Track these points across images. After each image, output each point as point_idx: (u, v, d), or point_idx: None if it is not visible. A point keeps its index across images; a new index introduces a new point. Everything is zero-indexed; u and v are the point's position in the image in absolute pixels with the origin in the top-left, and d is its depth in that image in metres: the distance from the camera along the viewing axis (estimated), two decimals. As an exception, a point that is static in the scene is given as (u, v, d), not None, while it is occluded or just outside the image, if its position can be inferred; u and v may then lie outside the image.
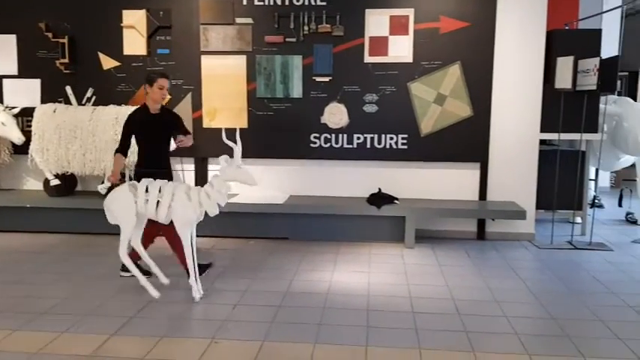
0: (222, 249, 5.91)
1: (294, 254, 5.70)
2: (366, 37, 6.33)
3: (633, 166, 7.53)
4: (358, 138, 6.47)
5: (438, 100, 6.34)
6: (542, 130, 6.38)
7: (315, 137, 6.48)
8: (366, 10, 6.27)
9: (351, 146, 6.48)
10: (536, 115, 6.33)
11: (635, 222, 7.28)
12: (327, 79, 6.38)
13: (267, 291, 4.61)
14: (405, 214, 6.07)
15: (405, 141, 6.42)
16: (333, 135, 6.46)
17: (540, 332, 3.88)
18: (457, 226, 6.47)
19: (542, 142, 6.79)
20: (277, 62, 6.41)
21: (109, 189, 4.51)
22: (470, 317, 4.07)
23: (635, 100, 7.86)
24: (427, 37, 6.25)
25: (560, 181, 6.51)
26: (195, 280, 4.40)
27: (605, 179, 9.91)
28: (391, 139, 6.44)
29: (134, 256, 4.48)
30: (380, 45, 6.36)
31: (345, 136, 6.47)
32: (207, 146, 6.41)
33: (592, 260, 5.63)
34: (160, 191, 4.26)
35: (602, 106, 6.53)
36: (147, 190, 4.27)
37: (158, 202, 4.24)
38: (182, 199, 4.27)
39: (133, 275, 4.46)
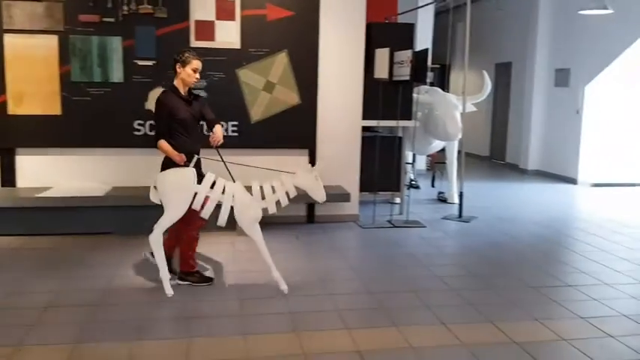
0: (32, 248, 5.39)
1: (118, 249, 5.38)
2: (192, 21, 6.14)
3: (444, 150, 8.30)
4: (186, 125, 6.28)
5: (267, 87, 6.39)
6: (364, 117, 6.74)
7: (139, 124, 6.16)
8: (191, -7, 6.09)
9: (179, 134, 6.27)
10: (358, 104, 6.66)
11: (445, 200, 8.03)
12: (150, 62, 6.08)
13: (83, 290, 4.30)
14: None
15: (235, 128, 6.38)
16: (159, 122, 6.20)
17: (359, 307, 4.11)
18: (288, 211, 6.55)
19: (366, 128, 7.20)
20: (94, 44, 5.96)
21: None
22: (295, 298, 4.18)
23: (444, 90, 8.64)
24: (254, 23, 6.25)
25: (381, 165, 6.96)
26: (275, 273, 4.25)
27: (421, 163, 10.82)
28: (222, 126, 6.33)
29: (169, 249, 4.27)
30: (206, 29, 6.21)
31: (172, 123, 6.24)
32: (14, 135, 5.78)
33: (408, 237, 6.11)
34: (223, 192, 4.04)
35: (415, 95, 7.09)
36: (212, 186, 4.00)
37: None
38: (244, 199, 4.10)
39: (189, 284, 4.32)
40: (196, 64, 4.28)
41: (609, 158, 9.61)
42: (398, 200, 7.43)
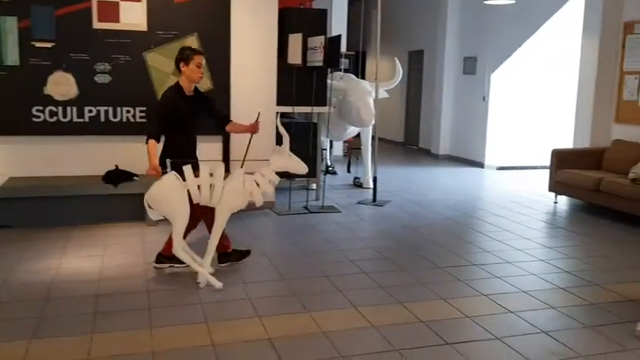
0: None
1: (14, 244, 5.04)
2: (94, 1, 5.82)
3: (359, 136, 8.41)
4: (90, 111, 5.97)
5: (177, 71, 6.16)
6: (279, 103, 6.69)
7: (38, 111, 5.79)
8: (91, -29, 5.76)
9: (82, 120, 5.95)
10: (272, 89, 6.59)
11: (360, 185, 8.16)
12: (49, 45, 5.72)
13: (-24, 288, 4.00)
14: (146, 190, 5.81)
15: (143, 114, 6.13)
16: (60, 108, 5.86)
17: (271, 294, 4.09)
18: (201, 200, 6.46)
19: (281, 115, 7.14)
20: (-16, 23, 5.52)
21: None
22: (207, 289, 4.09)
23: (359, 77, 8.74)
24: (161, 5, 6.01)
25: (296, 151, 6.88)
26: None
27: (338, 148, 10.93)
28: (128, 112, 6.10)
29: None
30: (110, 10, 5.91)
31: (74, 109, 5.91)
32: None
33: (323, 222, 6.15)
34: (210, 175, 4.00)
35: (329, 81, 7.11)
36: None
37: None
38: (236, 186, 4.11)
39: (170, 266, 4.31)
40: (199, 58, 4.27)
41: (513, 143, 10.12)
42: (314, 186, 7.46)
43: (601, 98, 7.46)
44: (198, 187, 4.02)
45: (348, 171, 9.02)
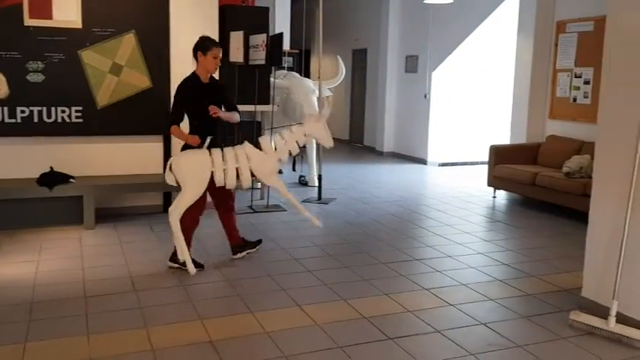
0: None
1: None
2: (25, -3, 5.58)
3: (303, 134, 8.40)
4: (23, 111, 5.71)
5: (114, 70, 6.00)
6: (221, 101, 6.60)
7: (-34, 111, 5.50)
8: (20, -35, 5.51)
9: (14, 121, 5.69)
10: (214, 87, 6.49)
11: (306, 184, 8.16)
12: (-25, 42, 5.44)
13: None
14: (83, 193, 5.64)
15: (79, 114, 5.92)
16: (-10, 108, 5.59)
17: (214, 296, 4.03)
18: (142, 201, 6.30)
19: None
20: None
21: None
22: (146, 292, 4.00)
23: (304, 75, 8.76)
24: (97, 1, 5.82)
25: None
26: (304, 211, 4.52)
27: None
28: (63, 112, 5.87)
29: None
30: (42, 7, 5.67)
31: (5, 109, 5.64)
32: None
33: (268, 221, 6.12)
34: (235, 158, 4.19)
35: (272, 79, 7.07)
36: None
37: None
38: (257, 156, 4.24)
39: (180, 267, 4.34)
40: (217, 51, 4.39)
41: (454, 139, 10.36)
42: (259, 185, 7.40)
43: (536, 95, 7.75)
44: (224, 171, 4.19)
45: (294, 169, 9.00)
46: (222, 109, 4.55)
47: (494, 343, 3.34)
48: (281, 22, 10.34)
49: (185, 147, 4.40)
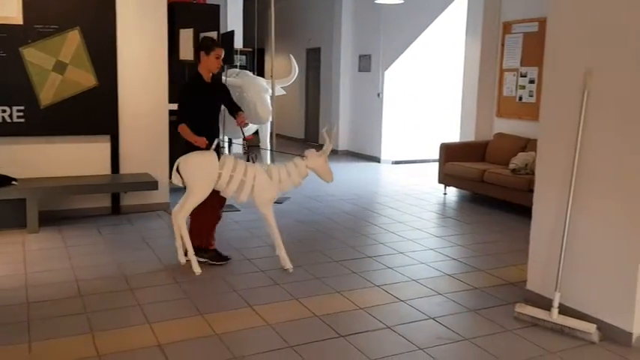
0: None
1: None
2: (-41, -9, 5.35)
3: (258, 133, 8.36)
4: (-40, 111, 5.48)
5: (58, 68, 5.81)
6: (172, 100, 6.46)
7: None
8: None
9: (-50, 121, 5.45)
10: (163, 86, 6.38)
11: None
12: None
13: None
14: (26, 195, 5.43)
15: (21, 113, 5.71)
16: None
17: (163, 299, 3.95)
18: (89, 203, 6.13)
19: (173, 113, 6.93)
20: None
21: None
22: (92, 297, 3.89)
23: (258, 74, 8.70)
24: (38, -3, 5.63)
25: (191, 149, 6.72)
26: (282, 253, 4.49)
27: (238, 146, 10.79)
28: (4, 111, 5.66)
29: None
30: (-21, 2, 5.44)
31: (-60, 108, 5.40)
32: None
33: (221, 221, 6.01)
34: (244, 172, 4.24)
35: (224, 78, 6.99)
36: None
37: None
38: (264, 180, 4.32)
39: (205, 261, 4.46)
40: (219, 51, 4.45)
41: (407, 137, 10.50)
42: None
43: (483, 94, 7.93)
44: (231, 177, 4.25)
45: (247, 169, 8.93)
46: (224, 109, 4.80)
47: (442, 337, 3.40)
48: (234, 21, 10.27)
49: (189, 148, 4.37)
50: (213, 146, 4.37)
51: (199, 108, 4.47)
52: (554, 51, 3.79)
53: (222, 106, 4.96)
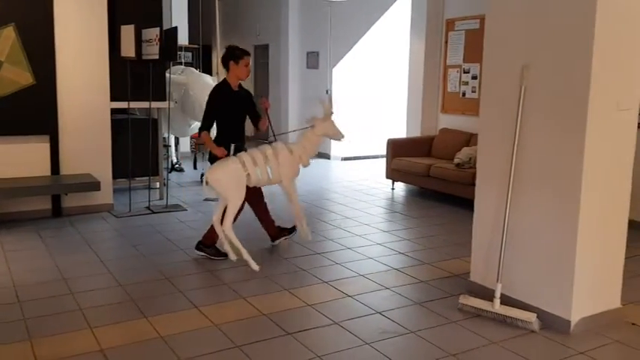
0: None
1: None
2: None
3: (204, 131, 8.24)
4: None
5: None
6: (113, 98, 6.32)
7: None
8: None
9: None
10: (104, 84, 6.20)
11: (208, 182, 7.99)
12: None
13: None
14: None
15: (-48, 114, 5.45)
16: None
17: (106, 302, 3.85)
18: (29, 206, 5.90)
19: (120, 111, 6.77)
20: None
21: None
22: (31, 303, 3.75)
23: (206, 71, 8.58)
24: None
25: (135, 148, 6.62)
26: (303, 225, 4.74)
27: (186, 144, 10.62)
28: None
29: (214, 237, 4.54)
30: None
31: None
32: None
33: (167, 222, 5.94)
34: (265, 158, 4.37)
35: (168, 75, 6.86)
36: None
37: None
38: (287, 157, 4.46)
39: (206, 256, 4.62)
40: (248, 59, 4.61)
41: (355, 134, 10.55)
42: (157, 185, 7.18)
43: (428, 91, 8.08)
44: (257, 171, 4.38)
45: (195, 167, 8.82)
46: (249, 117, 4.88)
47: (388, 331, 3.45)
48: (178, 16, 10.08)
49: (212, 157, 4.58)
50: (231, 152, 4.53)
51: (224, 115, 4.63)
52: (493, 47, 3.89)
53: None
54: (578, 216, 3.35)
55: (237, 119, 4.74)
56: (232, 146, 4.56)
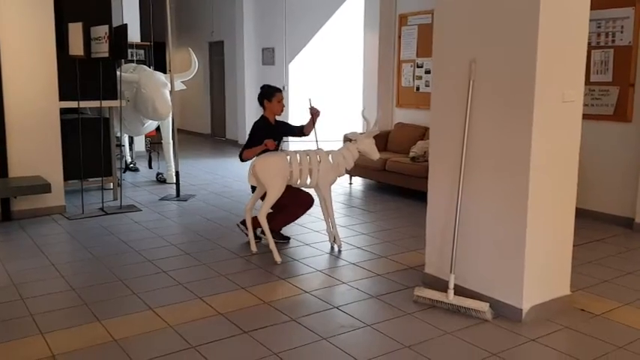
0: None
1: None
2: None
3: (159, 129, 8.11)
4: None
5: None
6: (62, 98, 6.15)
7: None
8: None
9: None
10: (52, 83, 6.03)
11: (164, 181, 7.89)
12: None
13: None
14: None
15: None
16: None
17: (57, 307, 3.74)
18: (-25, 210, 5.69)
19: (70, 111, 6.60)
20: None
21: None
22: (-19, 310, 3.62)
23: (161, 69, 8.42)
24: None
25: (87, 149, 6.47)
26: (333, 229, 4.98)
27: (141, 144, 10.44)
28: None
29: (256, 224, 4.76)
30: None
31: None
32: None
33: (121, 223, 5.82)
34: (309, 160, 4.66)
35: (119, 73, 6.71)
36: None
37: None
38: (327, 164, 4.73)
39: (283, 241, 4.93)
40: (280, 96, 5.10)
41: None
42: (111, 185, 7.02)
43: (383, 85, 8.16)
44: (300, 171, 4.62)
45: (150, 166, 8.67)
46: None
47: (345, 325, 3.47)
48: (130, 13, 9.87)
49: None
50: (281, 147, 4.96)
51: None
52: (441, 42, 3.96)
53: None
54: (527, 205, 3.44)
55: (271, 149, 4.92)
56: (282, 143, 5.17)
